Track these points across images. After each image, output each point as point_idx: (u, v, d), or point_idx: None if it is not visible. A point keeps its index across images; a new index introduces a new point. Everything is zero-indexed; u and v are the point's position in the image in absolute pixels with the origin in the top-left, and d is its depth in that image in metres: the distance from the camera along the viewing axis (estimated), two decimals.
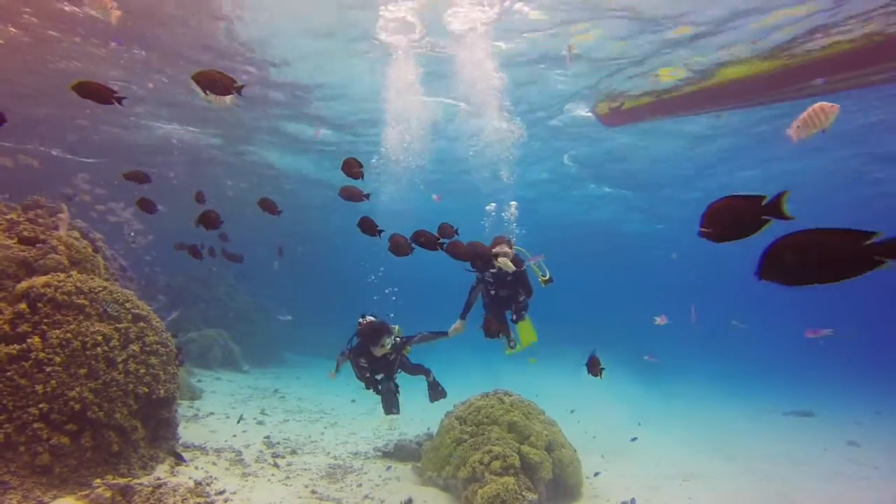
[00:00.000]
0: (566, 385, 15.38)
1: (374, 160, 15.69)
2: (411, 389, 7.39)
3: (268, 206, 6.35)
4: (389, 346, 6.01)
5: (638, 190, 21.55)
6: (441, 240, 5.22)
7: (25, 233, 6.49)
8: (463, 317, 6.34)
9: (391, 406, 6.61)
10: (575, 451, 6.97)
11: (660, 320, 8.56)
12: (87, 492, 4.52)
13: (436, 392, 7.01)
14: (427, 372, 6.96)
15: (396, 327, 6.29)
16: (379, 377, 6.34)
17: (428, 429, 8.89)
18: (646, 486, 7.35)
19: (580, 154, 16.84)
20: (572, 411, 9.95)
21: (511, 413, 6.71)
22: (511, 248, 5.90)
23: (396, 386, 6.40)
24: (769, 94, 11.38)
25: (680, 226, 28.24)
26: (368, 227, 5.40)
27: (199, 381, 12.42)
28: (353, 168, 5.35)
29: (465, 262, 5.47)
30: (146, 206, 6.57)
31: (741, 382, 22.07)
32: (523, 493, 5.56)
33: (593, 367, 4.96)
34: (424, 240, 5.19)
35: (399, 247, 5.26)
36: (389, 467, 7.41)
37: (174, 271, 18.97)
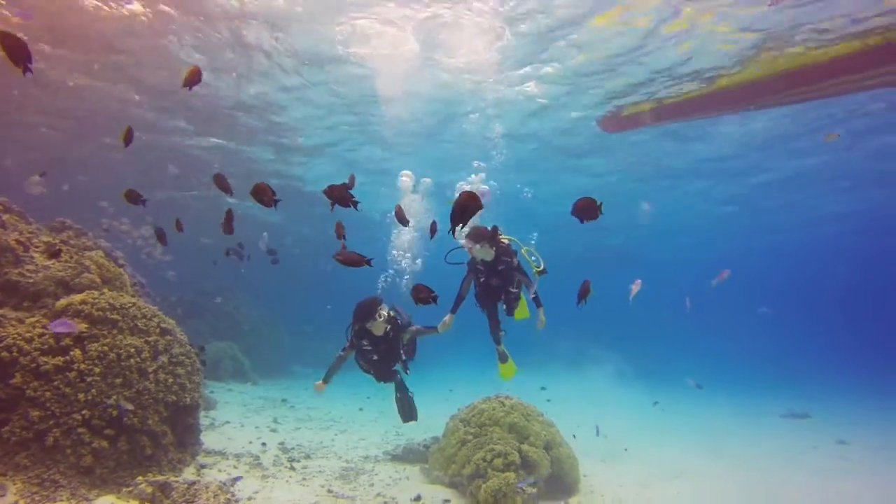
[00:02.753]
0: (570, 389, 15.80)
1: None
2: (423, 394, 7.70)
3: (221, 183, 5.94)
4: (385, 319, 5.78)
5: None
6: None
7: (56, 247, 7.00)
8: (453, 311, 6.09)
9: (407, 412, 6.51)
10: (572, 449, 7.45)
11: (634, 288, 7.37)
12: (130, 488, 5.01)
13: (405, 407, 6.63)
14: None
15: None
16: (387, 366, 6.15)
17: (432, 434, 9.36)
18: (637, 484, 7.81)
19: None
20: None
21: (511, 415, 7.20)
22: (496, 235, 5.82)
23: (405, 362, 6.20)
24: (769, 98, 11.76)
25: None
26: (341, 197, 4.54)
27: (212, 392, 12.88)
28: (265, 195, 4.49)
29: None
30: (134, 197, 6.18)
31: (743, 386, 22.47)
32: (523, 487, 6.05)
33: (582, 294, 4.79)
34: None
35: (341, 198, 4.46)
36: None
37: (185, 286, 19.52)
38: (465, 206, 3.19)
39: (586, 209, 4.29)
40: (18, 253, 6.42)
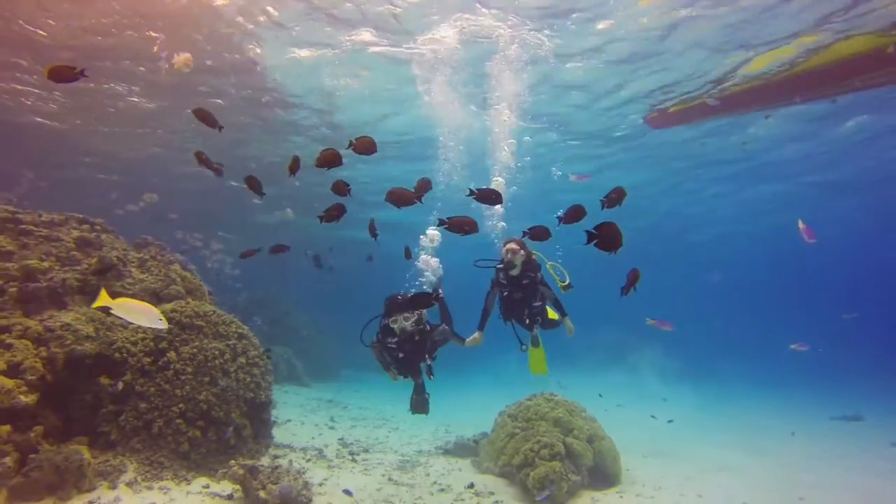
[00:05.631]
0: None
1: None
2: (465, 396, 8.26)
3: (202, 159, 6.10)
4: (410, 325, 5.76)
5: None
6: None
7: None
8: (481, 328, 6.23)
9: (419, 406, 6.47)
10: (613, 443, 7.87)
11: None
12: (224, 470, 5.79)
13: (420, 402, 6.57)
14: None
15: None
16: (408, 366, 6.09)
17: (480, 430, 9.89)
18: (681, 476, 8.16)
19: None
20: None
21: (556, 410, 7.70)
22: (522, 248, 5.88)
23: (429, 367, 6.14)
24: (815, 91, 11.61)
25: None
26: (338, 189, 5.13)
27: None
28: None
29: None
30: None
31: (797, 387, 22.01)
32: (568, 475, 6.55)
33: (630, 284, 4.74)
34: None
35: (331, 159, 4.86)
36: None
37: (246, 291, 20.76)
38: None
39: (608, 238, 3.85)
40: (119, 268, 7.38)
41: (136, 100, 13.37)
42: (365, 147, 4.92)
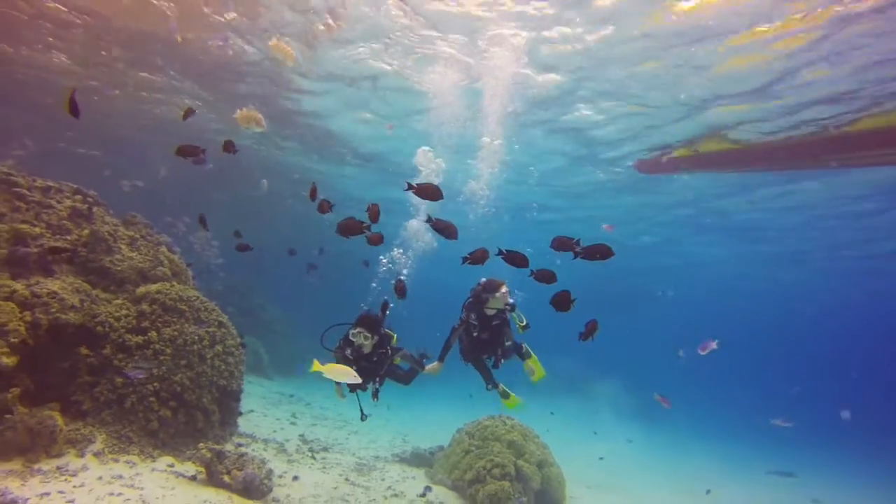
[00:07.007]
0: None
1: None
2: (425, 410, 8.60)
3: (187, 151, 6.08)
4: (368, 343, 5.91)
5: None
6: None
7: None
8: (441, 359, 6.33)
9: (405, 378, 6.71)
10: (562, 470, 8.30)
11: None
12: (192, 451, 6.01)
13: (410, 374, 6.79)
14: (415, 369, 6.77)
15: (395, 336, 6.36)
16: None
17: (437, 443, 10.23)
18: None
19: None
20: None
21: (511, 433, 8.09)
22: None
23: (376, 391, 6.40)
24: (807, 161, 11.94)
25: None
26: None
27: None
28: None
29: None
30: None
31: (742, 440, 22.83)
32: (515, 496, 6.93)
33: (588, 332, 4.95)
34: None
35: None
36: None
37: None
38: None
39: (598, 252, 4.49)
40: (110, 243, 7.56)
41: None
42: (430, 193, 4.78)
